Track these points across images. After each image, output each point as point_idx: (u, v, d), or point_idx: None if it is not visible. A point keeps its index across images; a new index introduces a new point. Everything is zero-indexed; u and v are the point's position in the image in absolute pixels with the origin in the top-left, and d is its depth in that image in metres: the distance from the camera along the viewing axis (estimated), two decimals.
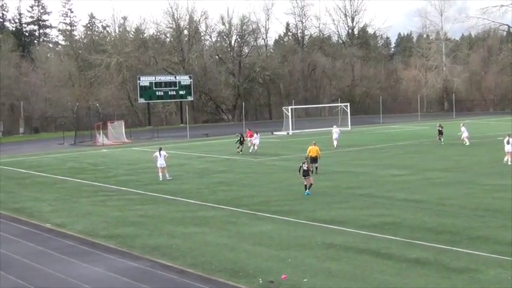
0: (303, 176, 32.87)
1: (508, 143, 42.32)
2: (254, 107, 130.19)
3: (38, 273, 20.19)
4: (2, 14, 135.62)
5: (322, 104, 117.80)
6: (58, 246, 23.65)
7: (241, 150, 56.06)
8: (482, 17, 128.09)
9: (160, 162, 41.05)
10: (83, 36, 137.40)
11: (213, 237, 24.07)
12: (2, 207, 32.84)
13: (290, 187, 35.78)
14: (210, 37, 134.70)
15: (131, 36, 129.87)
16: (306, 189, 32.90)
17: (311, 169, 33.54)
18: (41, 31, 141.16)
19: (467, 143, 57.58)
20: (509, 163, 41.60)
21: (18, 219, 29.59)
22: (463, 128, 59.32)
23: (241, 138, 56.92)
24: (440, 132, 60.02)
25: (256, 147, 56.44)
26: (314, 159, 40.15)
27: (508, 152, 42.23)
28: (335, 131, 59.78)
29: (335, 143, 58.45)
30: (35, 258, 22.01)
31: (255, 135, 57.87)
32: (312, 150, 40.76)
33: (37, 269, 20.64)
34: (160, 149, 41.91)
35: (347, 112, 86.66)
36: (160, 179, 40.63)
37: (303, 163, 33.11)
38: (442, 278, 18.00)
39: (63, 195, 36.43)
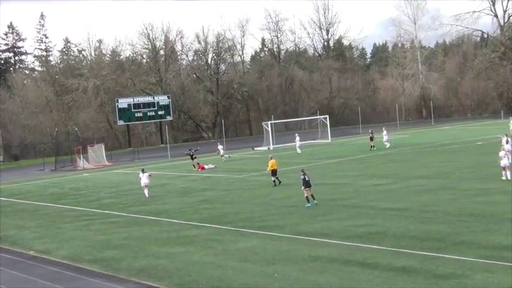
0: (306, 187, 32.89)
1: (507, 142, 41.21)
2: (234, 123, 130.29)
3: None
4: None
5: (301, 117, 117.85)
6: (42, 273, 23.45)
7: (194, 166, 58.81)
8: (456, 23, 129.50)
9: (145, 181, 42.97)
10: (59, 61, 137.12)
11: (198, 256, 23.97)
12: None
13: (273, 202, 35.77)
14: (187, 56, 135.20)
15: (107, 58, 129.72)
16: (308, 201, 32.82)
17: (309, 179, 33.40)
18: (17, 58, 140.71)
19: (388, 146, 62.84)
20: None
21: (1, 247, 29.30)
22: (384, 132, 64.72)
23: (192, 155, 60.10)
24: (371, 139, 63.86)
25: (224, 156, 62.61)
26: (275, 172, 42.46)
27: (508, 151, 39.90)
28: (297, 139, 69.09)
29: (298, 150, 67.76)
30: (19, 286, 21.80)
31: (220, 147, 66.52)
32: (273, 163, 42.95)
33: None
34: (143, 170, 43.76)
35: (326, 124, 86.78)
36: (147, 196, 41.99)
37: (304, 174, 33.02)
38: (429, 285, 18.01)
39: (46, 221, 36.18)
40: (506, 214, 26.43)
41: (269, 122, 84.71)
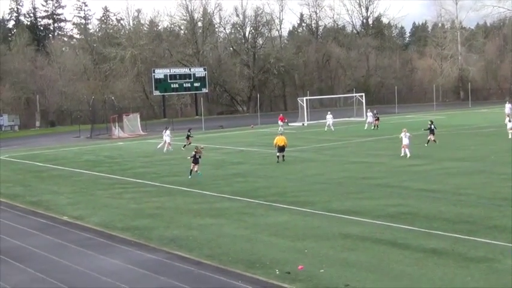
0: (195, 164, 37.69)
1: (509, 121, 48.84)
2: (269, 98, 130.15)
3: (56, 266, 20.30)
4: (17, 8, 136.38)
5: (337, 94, 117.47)
6: (76, 238, 23.77)
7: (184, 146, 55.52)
8: (498, 5, 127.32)
9: (166, 139, 54.24)
10: (97, 30, 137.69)
11: (229, 228, 24.10)
12: (20, 201, 33.09)
13: (306, 178, 35.77)
14: (224, 29, 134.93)
15: (145, 29, 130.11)
16: (190, 173, 37.71)
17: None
18: (56, 25, 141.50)
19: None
20: None
21: (36, 212, 29.77)
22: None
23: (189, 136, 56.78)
24: (378, 119, 68.26)
25: None
26: (282, 148, 43.62)
27: None
28: (329, 117, 70.09)
29: (331, 128, 68.27)
30: (53, 251, 22.13)
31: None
32: (279, 140, 43.99)
33: (55, 262, 20.75)
34: (166, 128, 55.96)
35: (362, 102, 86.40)
36: (164, 151, 53.13)
37: (196, 153, 37.74)
38: (459, 268, 17.93)
39: (80, 188, 36.60)
40: None
41: (304, 98, 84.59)
